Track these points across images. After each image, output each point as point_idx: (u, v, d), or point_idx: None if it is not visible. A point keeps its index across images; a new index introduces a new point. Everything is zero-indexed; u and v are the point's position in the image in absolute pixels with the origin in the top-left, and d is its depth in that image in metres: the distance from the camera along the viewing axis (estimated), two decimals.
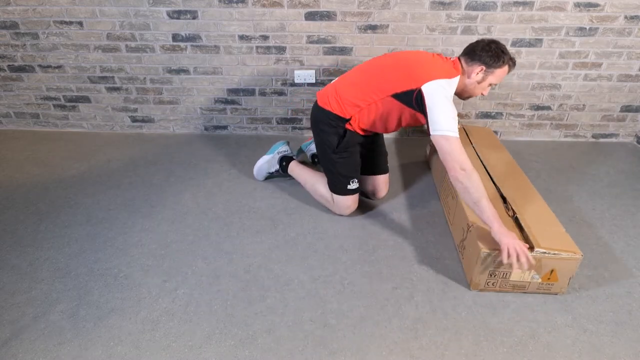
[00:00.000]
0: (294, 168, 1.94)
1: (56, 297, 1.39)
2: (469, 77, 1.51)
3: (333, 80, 1.76)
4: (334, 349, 1.22)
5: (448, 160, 1.40)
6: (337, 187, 1.74)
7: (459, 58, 1.54)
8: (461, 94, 1.58)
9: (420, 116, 1.53)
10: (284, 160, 1.99)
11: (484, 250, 1.31)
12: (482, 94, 1.56)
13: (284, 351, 1.22)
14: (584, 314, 1.34)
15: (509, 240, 1.27)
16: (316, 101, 1.73)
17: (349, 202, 1.75)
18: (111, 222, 1.76)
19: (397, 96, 1.52)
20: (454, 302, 1.38)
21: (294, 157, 2.02)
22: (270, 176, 2.07)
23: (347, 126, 1.67)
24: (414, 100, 1.48)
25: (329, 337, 1.26)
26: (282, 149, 2.03)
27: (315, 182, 1.84)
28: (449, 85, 1.47)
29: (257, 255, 1.59)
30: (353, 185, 1.73)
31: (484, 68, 1.48)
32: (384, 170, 1.86)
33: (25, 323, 1.30)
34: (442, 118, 1.41)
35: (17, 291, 1.41)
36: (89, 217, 1.78)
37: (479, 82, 1.51)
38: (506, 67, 1.49)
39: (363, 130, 1.69)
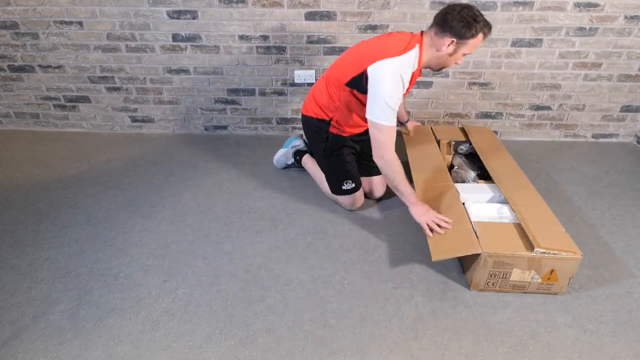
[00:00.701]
0: (307, 162, 2.02)
1: (56, 297, 1.39)
2: (438, 50, 1.42)
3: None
4: (334, 349, 1.22)
5: (374, 145, 1.49)
6: (334, 188, 1.80)
7: (429, 30, 1.45)
8: (432, 67, 1.51)
9: None
10: (298, 154, 2.07)
11: (485, 251, 1.32)
12: (456, 63, 1.48)
13: (284, 351, 1.22)
14: (584, 314, 1.34)
15: (425, 218, 1.46)
16: (301, 112, 1.80)
17: (349, 200, 1.80)
18: (111, 222, 1.76)
19: (349, 84, 1.53)
20: (454, 302, 1.38)
21: (308, 151, 2.09)
22: (288, 166, 2.16)
23: (331, 130, 1.71)
24: (364, 83, 1.46)
25: (329, 337, 1.26)
26: (296, 143, 2.12)
27: (323, 177, 1.89)
28: (398, 63, 1.40)
29: (257, 255, 1.59)
30: (347, 185, 1.76)
31: (455, 40, 1.38)
32: (379, 171, 1.85)
33: (25, 323, 1.30)
34: (376, 105, 1.42)
35: (17, 291, 1.41)
36: (89, 217, 1.78)
37: (450, 55, 1.42)
38: (480, 36, 1.38)
39: (352, 128, 1.72)
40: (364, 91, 1.48)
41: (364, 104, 1.53)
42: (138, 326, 1.29)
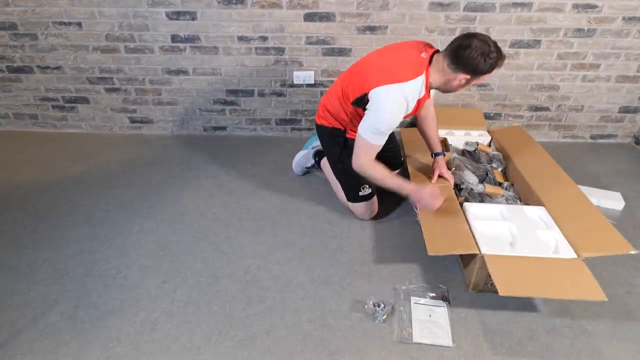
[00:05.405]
0: (326, 164, 1.95)
1: (55, 298, 1.39)
2: (450, 81, 1.39)
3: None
4: (333, 349, 1.22)
5: (355, 154, 1.53)
6: (350, 195, 1.76)
7: (442, 56, 1.39)
8: (439, 89, 1.49)
9: None
10: (318, 155, 2.02)
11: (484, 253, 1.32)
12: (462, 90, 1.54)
13: (283, 352, 1.22)
14: (583, 315, 1.34)
15: (420, 197, 1.50)
16: (315, 121, 1.79)
17: (364, 208, 1.75)
18: (110, 223, 1.76)
19: (354, 103, 1.53)
20: (454, 302, 1.38)
21: None
22: (307, 171, 2.12)
23: (348, 135, 1.69)
24: (365, 103, 1.46)
25: (328, 338, 1.26)
26: (316, 143, 2.07)
27: (338, 183, 1.84)
28: (406, 90, 1.39)
29: (256, 256, 1.59)
30: (365, 191, 1.72)
31: (469, 77, 1.36)
32: (398, 165, 1.93)
33: (23, 324, 1.29)
34: (370, 126, 1.45)
35: (15, 292, 1.41)
36: (87, 218, 1.78)
37: (462, 86, 1.42)
38: (492, 71, 1.37)
39: None
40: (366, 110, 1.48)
41: None
42: (137, 327, 1.29)
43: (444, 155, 1.76)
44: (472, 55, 1.30)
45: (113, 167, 2.19)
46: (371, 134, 1.45)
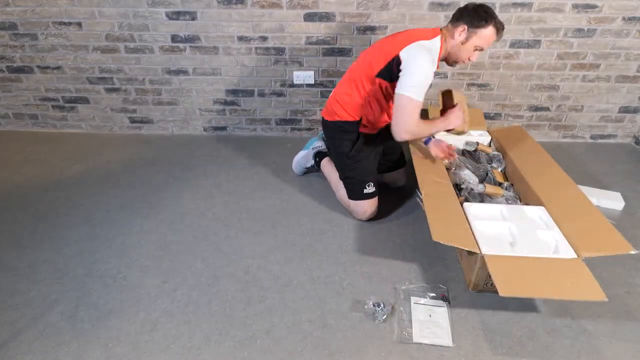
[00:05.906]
0: (325, 165, 1.99)
1: (55, 298, 1.39)
2: (453, 37, 1.51)
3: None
4: (333, 349, 1.22)
5: (398, 122, 1.53)
6: (354, 192, 1.76)
7: (447, 25, 1.56)
8: (447, 59, 1.59)
9: None
10: (318, 156, 2.03)
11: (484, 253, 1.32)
12: (469, 59, 1.54)
13: (283, 352, 1.22)
14: (583, 314, 1.34)
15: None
16: (323, 119, 1.79)
17: (365, 207, 1.75)
18: (110, 223, 1.76)
19: (380, 74, 1.55)
20: (454, 302, 1.39)
21: (329, 153, 2.05)
22: (307, 171, 2.12)
23: (361, 129, 1.71)
24: (395, 68, 1.51)
25: (328, 338, 1.26)
26: (317, 144, 2.09)
27: (339, 183, 1.85)
28: (430, 45, 1.49)
29: (256, 256, 1.59)
30: (369, 189, 1.74)
31: (466, 27, 1.47)
32: (401, 165, 1.97)
33: (23, 324, 1.29)
34: (410, 79, 1.47)
35: (15, 292, 1.41)
36: (87, 218, 1.78)
37: (462, 43, 1.50)
38: (491, 28, 1.46)
39: (382, 123, 1.74)
40: (395, 78, 1.52)
41: (392, 96, 1.57)
42: (137, 327, 1.29)
43: (433, 137, 1.79)
44: (469, 8, 1.48)
45: (113, 167, 2.19)
46: (411, 88, 1.46)
